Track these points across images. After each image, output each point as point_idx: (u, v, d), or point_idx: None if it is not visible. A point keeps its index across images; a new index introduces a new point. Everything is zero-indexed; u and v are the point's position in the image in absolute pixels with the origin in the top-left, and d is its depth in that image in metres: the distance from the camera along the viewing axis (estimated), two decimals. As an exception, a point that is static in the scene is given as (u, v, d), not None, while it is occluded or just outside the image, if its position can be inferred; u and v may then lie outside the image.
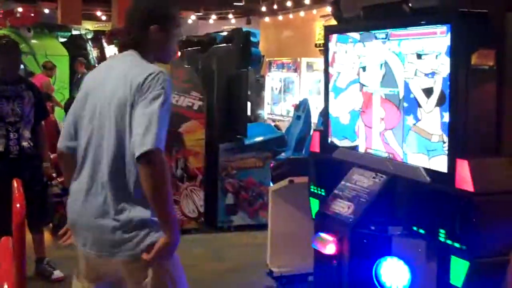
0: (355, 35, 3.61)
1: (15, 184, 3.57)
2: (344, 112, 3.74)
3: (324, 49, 3.96)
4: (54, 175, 5.36)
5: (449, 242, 2.78)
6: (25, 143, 4.76)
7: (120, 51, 2.65)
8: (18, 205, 3.13)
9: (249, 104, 7.20)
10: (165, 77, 2.41)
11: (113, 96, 2.45)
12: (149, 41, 2.55)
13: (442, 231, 2.81)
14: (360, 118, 3.58)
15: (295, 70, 10.64)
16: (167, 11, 2.58)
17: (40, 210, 4.80)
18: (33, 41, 12.59)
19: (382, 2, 3.41)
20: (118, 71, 2.50)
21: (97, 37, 15.06)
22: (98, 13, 15.72)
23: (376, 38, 3.41)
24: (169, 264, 2.49)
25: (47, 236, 5.13)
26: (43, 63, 11.30)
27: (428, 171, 2.97)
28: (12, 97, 4.75)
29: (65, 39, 13.72)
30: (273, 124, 9.03)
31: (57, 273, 4.76)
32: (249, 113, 7.22)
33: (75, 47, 13.27)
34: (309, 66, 10.46)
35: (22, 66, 7.23)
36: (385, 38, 3.33)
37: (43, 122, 4.97)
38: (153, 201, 2.35)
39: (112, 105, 2.44)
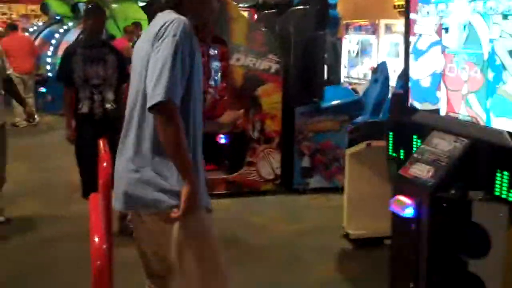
0: (438, -5, 3.51)
1: (101, 143, 3.71)
2: (425, 75, 3.66)
3: (405, 10, 3.87)
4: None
5: (533, 207, 2.72)
6: (108, 105, 4.93)
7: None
8: (104, 164, 3.24)
9: (326, 67, 7.14)
10: (179, 24, 2.39)
11: (142, 53, 2.48)
12: (184, 3, 2.55)
13: (526, 196, 2.75)
14: (442, 80, 3.50)
15: (373, 33, 10.41)
16: None
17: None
18: (114, 5, 12.85)
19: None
20: (149, 30, 2.53)
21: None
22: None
23: (460, -2, 3.30)
24: (197, 226, 2.50)
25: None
26: (124, 27, 11.50)
27: (513, 135, 2.89)
28: (96, 60, 4.91)
29: (144, 3, 13.91)
30: (350, 87, 8.92)
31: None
32: (326, 76, 7.16)
33: (154, 11, 13.44)
34: (388, 28, 10.21)
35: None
36: (470, -2, 3.22)
37: (124, 86, 5.11)
38: (168, 151, 2.38)
39: (142, 62, 2.46)
